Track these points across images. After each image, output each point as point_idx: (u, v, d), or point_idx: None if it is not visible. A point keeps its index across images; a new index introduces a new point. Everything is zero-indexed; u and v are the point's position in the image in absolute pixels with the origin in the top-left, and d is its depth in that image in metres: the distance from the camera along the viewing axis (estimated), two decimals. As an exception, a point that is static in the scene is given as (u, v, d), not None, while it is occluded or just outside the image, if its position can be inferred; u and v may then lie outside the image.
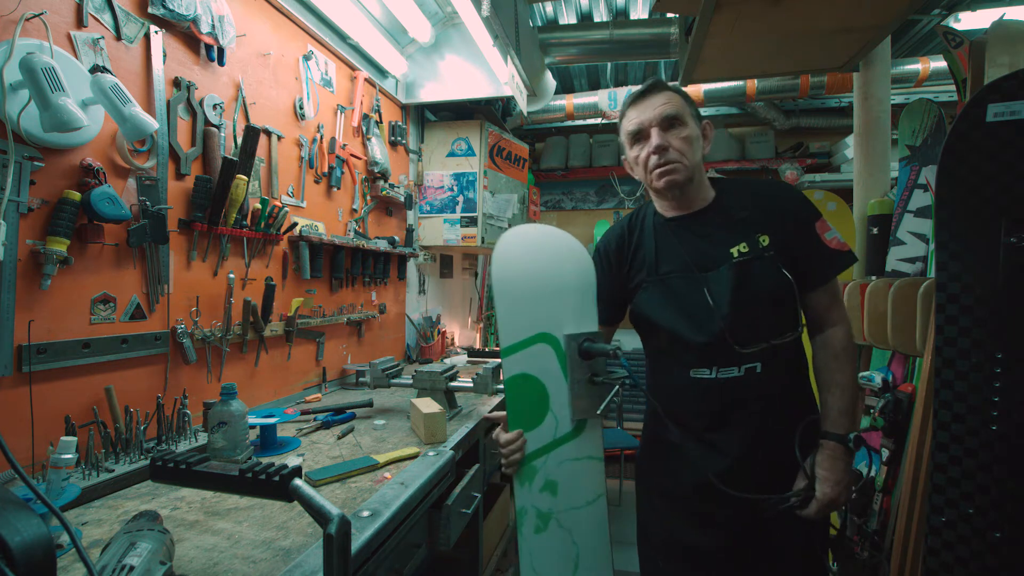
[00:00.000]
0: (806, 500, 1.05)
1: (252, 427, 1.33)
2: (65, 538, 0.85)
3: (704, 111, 3.86)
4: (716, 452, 1.10)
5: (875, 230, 1.98)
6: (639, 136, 1.12)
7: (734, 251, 1.09)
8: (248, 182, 1.60)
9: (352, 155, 2.30)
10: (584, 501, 1.17)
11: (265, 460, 0.82)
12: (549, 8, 2.96)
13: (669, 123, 1.09)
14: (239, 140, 1.64)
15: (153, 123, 1.21)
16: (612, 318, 1.26)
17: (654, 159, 1.09)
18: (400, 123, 2.79)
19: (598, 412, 1.14)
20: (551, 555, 1.13)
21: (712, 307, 1.07)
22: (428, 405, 1.54)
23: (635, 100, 1.13)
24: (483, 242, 2.96)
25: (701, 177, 1.15)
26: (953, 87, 1.71)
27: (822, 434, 1.06)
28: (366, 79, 2.39)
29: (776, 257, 1.07)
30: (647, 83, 1.13)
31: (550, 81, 3.14)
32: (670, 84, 1.14)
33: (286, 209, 1.79)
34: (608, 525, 1.21)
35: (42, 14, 1.10)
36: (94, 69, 1.17)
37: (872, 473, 1.66)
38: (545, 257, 1.17)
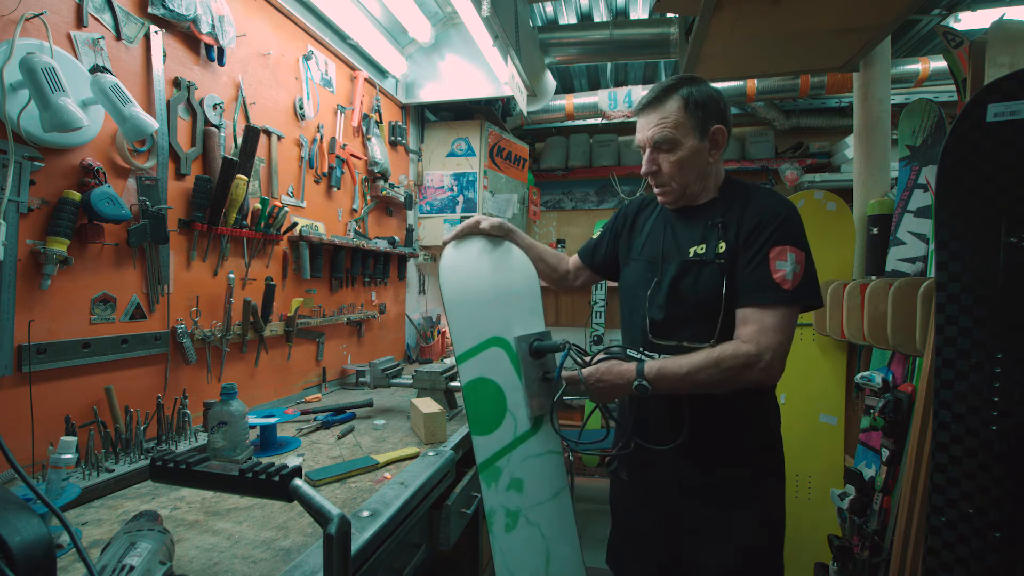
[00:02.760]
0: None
1: (252, 427, 1.33)
2: (65, 538, 0.85)
3: (704, 111, 3.84)
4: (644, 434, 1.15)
5: (875, 230, 1.98)
6: (641, 148, 1.19)
7: (691, 251, 1.13)
8: (248, 182, 1.60)
9: (352, 155, 2.30)
10: (549, 495, 1.22)
11: (265, 460, 0.82)
12: (549, 8, 2.95)
13: (659, 147, 1.12)
14: (239, 140, 1.64)
15: (153, 123, 1.21)
16: (591, 256, 1.39)
17: (649, 177, 1.18)
18: (400, 123, 2.79)
19: (552, 402, 1.21)
20: (523, 552, 1.16)
21: (648, 296, 1.15)
22: (428, 405, 1.54)
23: (639, 110, 1.18)
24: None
25: (703, 185, 1.15)
26: (953, 87, 1.71)
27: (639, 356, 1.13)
28: (366, 79, 2.39)
29: (724, 266, 1.07)
30: (652, 92, 1.13)
31: (550, 81, 3.13)
32: (680, 89, 1.10)
33: (286, 209, 1.79)
34: (574, 516, 1.27)
35: (42, 14, 1.10)
36: (94, 69, 1.17)
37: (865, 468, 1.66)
38: (491, 269, 1.26)
